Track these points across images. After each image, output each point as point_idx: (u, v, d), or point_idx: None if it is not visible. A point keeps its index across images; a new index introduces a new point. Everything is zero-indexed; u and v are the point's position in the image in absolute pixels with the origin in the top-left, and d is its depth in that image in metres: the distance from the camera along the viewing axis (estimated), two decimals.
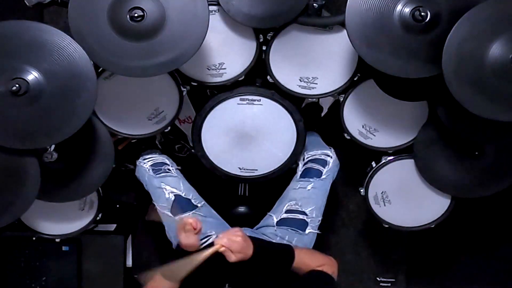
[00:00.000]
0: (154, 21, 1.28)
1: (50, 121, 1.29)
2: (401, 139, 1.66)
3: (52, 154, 1.42)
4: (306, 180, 1.62)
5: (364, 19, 1.29)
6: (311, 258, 1.33)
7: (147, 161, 1.65)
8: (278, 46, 1.52)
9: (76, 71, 1.27)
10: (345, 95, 1.60)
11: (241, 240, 1.24)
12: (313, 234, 1.58)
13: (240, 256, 1.22)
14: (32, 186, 1.37)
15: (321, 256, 1.36)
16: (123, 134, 1.62)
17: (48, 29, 1.26)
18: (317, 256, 1.35)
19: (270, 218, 1.62)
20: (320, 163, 1.64)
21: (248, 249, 1.24)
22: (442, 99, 1.45)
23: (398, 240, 2.21)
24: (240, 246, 1.22)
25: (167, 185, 1.60)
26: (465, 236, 2.10)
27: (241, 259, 1.23)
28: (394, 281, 2.25)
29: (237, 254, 1.22)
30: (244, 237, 1.25)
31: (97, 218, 1.72)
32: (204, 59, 1.55)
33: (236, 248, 1.22)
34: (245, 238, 1.25)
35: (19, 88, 1.22)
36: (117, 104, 1.57)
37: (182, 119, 1.90)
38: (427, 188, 1.66)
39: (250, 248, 1.25)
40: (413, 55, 1.30)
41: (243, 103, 1.62)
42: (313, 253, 1.38)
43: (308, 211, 1.57)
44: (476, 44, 1.22)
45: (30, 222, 1.69)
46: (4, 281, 1.88)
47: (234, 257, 1.22)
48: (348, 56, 1.54)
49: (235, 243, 1.22)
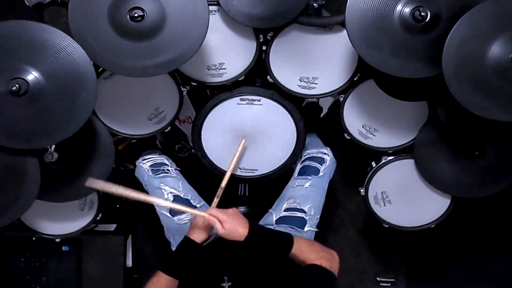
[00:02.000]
0: (154, 21, 1.28)
1: (50, 121, 1.29)
2: (401, 139, 1.66)
3: (53, 154, 1.42)
4: (304, 178, 1.63)
5: (364, 19, 1.29)
6: (310, 248, 1.31)
7: (146, 161, 1.65)
8: (278, 46, 1.52)
9: (76, 71, 1.27)
10: (345, 95, 1.60)
11: (232, 214, 1.24)
12: (311, 232, 1.58)
13: (229, 229, 1.22)
14: (32, 186, 1.37)
15: (320, 248, 1.33)
16: (123, 134, 1.62)
17: (48, 29, 1.26)
18: (316, 248, 1.32)
19: (270, 216, 1.62)
20: (317, 161, 1.65)
21: (238, 227, 1.24)
22: (442, 99, 1.45)
23: (398, 240, 2.22)
24: (229, 218, 1.23)
25: (166, 186, 1.60)
26: (465, 236, 2.10)
27: (230, 235, 1.23)
28: (394, 281, 2.25)
29: (226, 225, 1.22)
30: (237, 212, 1.26)
31: (97, 218, 1.72)
32: (204, 59, 1.56)
33: (224, 218, 1.23)
34: (237, 213, 1.26)
35: (19, 88, 1.22)
36: (117, 104, 1.57)
37: (182, 119, 1.90)
38: (427, 188, 1.66)
39: (244, 226, 1.24)
40: (413, 55, 1.30)
41: (243, 103, 1.62)
42: (312, 244, 1.35)
43: (306, 209, 1.58)
44: (476, 44, 1.22)
45: (30, 222, 1.69)
46: (4, 281, 1.88)
47: (222, 229, 1.22)
48: (348, 56, 1.54)
49: (224, 215, 1.23)
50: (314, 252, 1.29)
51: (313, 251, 1.30)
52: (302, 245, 1.29)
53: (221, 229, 1.23)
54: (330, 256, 1.31)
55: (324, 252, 1.32)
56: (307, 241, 1.35)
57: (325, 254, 1.31)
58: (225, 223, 1.23)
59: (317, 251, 1.31)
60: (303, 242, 1.32)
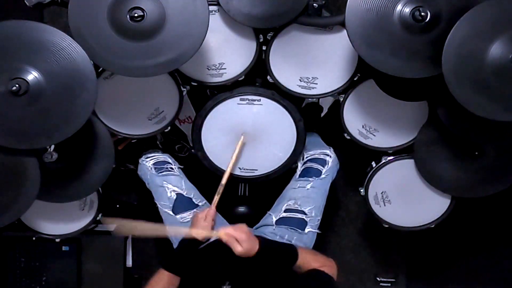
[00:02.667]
0: (154, 21, 1.28)
1: (50, 121, 1.29)
2: (401, 139, 1.66)
3: (52, 154, 1.42)
4: (305, 179, 1.63)
5: (364, 19, 1.29)
6: (313, 258, 1.33)
7: (149, 159, 1.65)
8: (278, 46, 1.52)
9: (76, 71, 1.27)
10: (345, 95, 1.60)
11: (248, 232, 1.24)
12: (312, 233, 1.58)
13: (247, 248, 1.22)
14: (32, 186, 1.37)
15: (322, 257, 1.36)
16: (123, 134, 1.62)
17: (48, 29, 1.26)
18: (318, 257, 1.35)
19: (269, 217, 1.62)
20: (319, 162, 1.65)
21: (254, 245, 1.24)
22: (442, 99, 1.45)
23: (398, 240, 2.22)
24: (247, 237, 1.22)
25: (169, 184, 1.60)
26: (465, 236, 2.10)
27: (247, 254, 1.22)
28: (394, 281, 2.25)
29: (244, 245, 1.21)
30: (250, 232, 1.25)
31: (97, 218, 1.72)
32: (204, 59, 1.56)
33: (242, 238, 1.21)
34: (251, 233, 1.25)
35: (19, 88, 1.22)
36: (117, 104, 1.57)
37: (182, 119, 1.90)
38: (427, 188, 1.66)
39: (256, 243, 1.24)
40: (413, 55, 1.30)
41: (243, 103, 1.62)
42: (315, 253, 1.38)
43: (307, 211, 1.58)
44: (476, 44, 1.22)
45: (30, 222, 1.69)
46: (4, 281, 1.88)
47: (241, 248, 1.21)
48: (348, 56, 1.54)
49: (242, 234, 1.22)
50: (318, 261, 1.32)
51: (317, 260, 1.32)
52: (306, 255, 1.32)
53: (240, 249, 1.22)
54: (332, 264, 1.34)
55: (327, 260, 1.35)
56: (309, 250, 1.40)
57: (328, 262, 1.34)
58: (243, 243, 1.22)
59: (320, 260, 1.33)
60: (308, 252, 1.35)
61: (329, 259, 1.36)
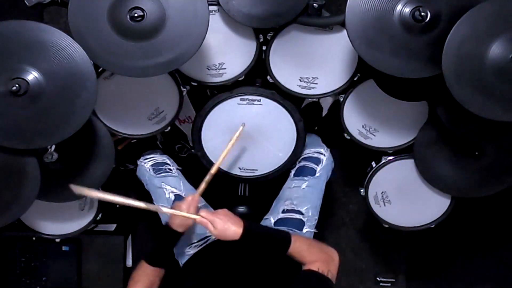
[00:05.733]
0: (154, 21, 1.28)
1: (50, 121, 1.28)
2: (401, 139, 1.66)
3: (52, 154, 1.42)
4: (301, 178, 1.63)
5: (364, 19, 1.29)
6: (308, 249, 1.27)
7: (148, 160, 1.65)
8: (278, 46, 1.52)
9: (76, 71, 1.26)
10: (345, 95, 1.60)
11: (226, 214, 1.24)
12: (310, 233, 1.57)
13: (220, 229, 1.22)
14: (32, 186, 1.37)
15: (319, 249, 1.30)
16: (123, 134, 1.62)
17: (48, 29, 1.26)
18: (315, 249, 1.29)
19: (268, 220, 1.62)
20: (313, 161, 1.65)
21: (233, 224, 1.23)
22: (442, 99, 1.45)
23: (398, 240, 2.22)
24: (223, 220, 1.22)
25: (167, 185, 1.60)
26: (465, 236, 2.10)
27: (223, 235, 1.22)
28: (394, 281, 2.25)
29: (218, 225, 1.22)
30: (228, 212, 1.26)
31: (97, 218, 1.72)
32: (204, 59, 1.56)
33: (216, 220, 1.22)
34: (228, 213, 1.26)
35: (19, 88, 1.22)
36: (117, 104, 1.57)
37: (182, 119, 1.90)
38: (427, 188, 1.66)
39: (238, 224, 1.23)
40: (413, 55, 1.30)
41: (243, 103, 1.62)
42: (310, 244, 1.31)
43: (304, 210, 1.58)
44: (476, 44, 1.22)
45: (30, 222, 1.69)
46: (4, 281, 1.88)
47: (213, 229, 1.22)
48: (348, 56, 1.54)
49: (218, 216, 1.23)
50: (312, 254, 1.27)
51: (312, 252, 1.27)
52: (300, 245, 1.27)
53: (213, 230, 1.23)
54: (329, 258, 1.28)
55: (323, 253, 1.29)
56: (307, 240, 1.33)
57: (324, 256, 1.28)
58: (215, 223, 1.22)
59: (315, 253, 1.28)
60: (302, 242, 1.29)
61: (329, 251, 1.31)
